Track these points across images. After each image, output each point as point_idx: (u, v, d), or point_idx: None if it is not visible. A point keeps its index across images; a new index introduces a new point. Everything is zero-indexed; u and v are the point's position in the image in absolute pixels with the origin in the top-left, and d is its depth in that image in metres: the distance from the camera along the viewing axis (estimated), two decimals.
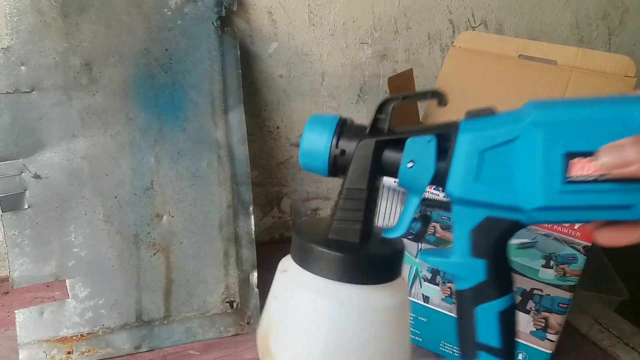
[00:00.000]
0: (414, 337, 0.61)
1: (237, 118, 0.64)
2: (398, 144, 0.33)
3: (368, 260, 0.33)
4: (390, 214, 0.58)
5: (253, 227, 0.64)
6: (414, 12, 0.81)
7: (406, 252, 0.49)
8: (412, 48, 0.83)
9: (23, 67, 0.54)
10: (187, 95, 0.61)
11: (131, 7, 0.59)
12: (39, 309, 0.55)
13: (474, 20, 0.85)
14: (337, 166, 0.34)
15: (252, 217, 0.64)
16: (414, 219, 0.34)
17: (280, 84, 0.77)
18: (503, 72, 0.67)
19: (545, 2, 0.88)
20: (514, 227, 0.32)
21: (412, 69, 0.70)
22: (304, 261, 0.33)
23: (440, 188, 0.33)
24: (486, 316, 0.33)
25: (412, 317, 0.60)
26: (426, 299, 0.59)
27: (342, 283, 0.32)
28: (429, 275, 0.58)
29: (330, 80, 0.80)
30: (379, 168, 0.33)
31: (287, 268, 0.35)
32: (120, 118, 0.58)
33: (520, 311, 0.55)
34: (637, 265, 0.79)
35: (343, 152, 0.33)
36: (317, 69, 0.79)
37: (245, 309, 0.63)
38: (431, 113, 0.71)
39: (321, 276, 0.32)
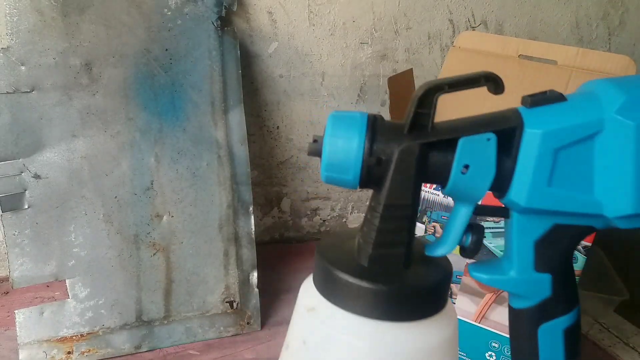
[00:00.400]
0: None
1: (237, 118, 0.64)
2: (447, 146, 0.26)
3: (418, 291, 0.27)
4: None
5: (253, 227, 0.64)
6: (414, 12, 0.81)
7: None
8: (412, 48, 0.83)
9: (23, 67, 0.54)
10: (187, 95, 0.61)
11: (131, 7, 0.59)
12: (39, 309, 0.55)
13: (474, 20, 0.85)
14: (370, 177, 0.27)
15: (252, 217, 0.64)
16: (464, 232, 0.29)
17: (280, 84, 0.77)
18: (503, 72, 0.66)
19: (545, 2, 0.88)
20: (585, 233, 0.28)
21: (412, 69, 0.70)
22: (338, 297, 0.27)
23: (489, 191, 0.27)
24: (551, 336, 0.29)
25: None
26: None
27: (389, 322, 0.26)
28: None
29: (330, 80, 0.80)
30: (424, 176, 0.27)
31: (316, 305, 0.28)
32: (120, 118, 0.58)
33: None
34: (637, 265, 0.79)
35: (379, 160, 0.27)
36: (317, 68, 0.79)
37: (245, 309, 0.63)
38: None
39: (363, 316, 0.27)
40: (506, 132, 0.26)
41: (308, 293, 0.29)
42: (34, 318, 0.55)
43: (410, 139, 0.26)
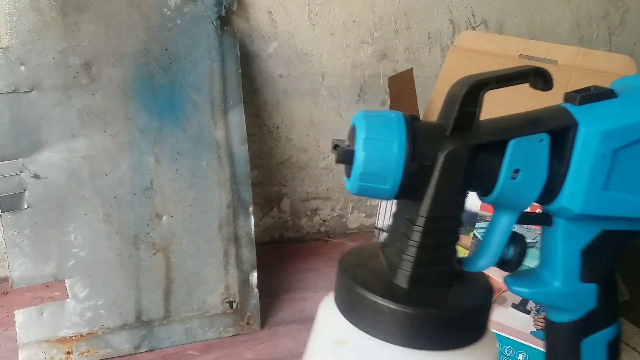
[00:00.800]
0: None
1: (237, 118, 0.64)
2: (495, 148, 0.24)
3: (467, 314, 0.24)
4: (391, 214, 0.58)
5: (253, 227, 0.64)
6: (415, 12, 0.81)
7: None
8: (412, 48, 0.83)
9: (22, 67, 0.54)
10: (187, 95, 0.61)
11: (131, 7, 0.59)
12: (39, 309, 0.55)
13: (475, 20, 0.85)
14: (410, 186, 0.24)
15: (252, 217, 0.64)
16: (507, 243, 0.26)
17: (280, 84, 0.77)
18: None
19: (546, 2, 0.88)
20: (633, 238, 0.27)
21: (412, 68, 0.69)
22: (375, 326, 0.23)
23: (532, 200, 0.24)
24: (595, 350, 0.27)
25: None
26: None
27: (437, 352, 0.23)
28: None
29: (330, 80, 0.80)
30: (469, 183, 0.24)
31: (346, 337, 0.24)
32: (120, 118, 0.58)
33: (520, 311, 0.54)
34: (638, 265, 0.79)
35: (421, 166, 0.23)
36: (317, 68, 0.78)
37: (245, 309, 0.63)
38: (431, 113, 0.71)
39: (409, 347, 0.23)
40: (558, 132, 0.24)
41: (333, 321, 0.25)
42: (34, 318, 0.55)
43: (455, 142, 0.23)
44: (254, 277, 0.63)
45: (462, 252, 0.55)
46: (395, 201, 0.26)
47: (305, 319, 0.65)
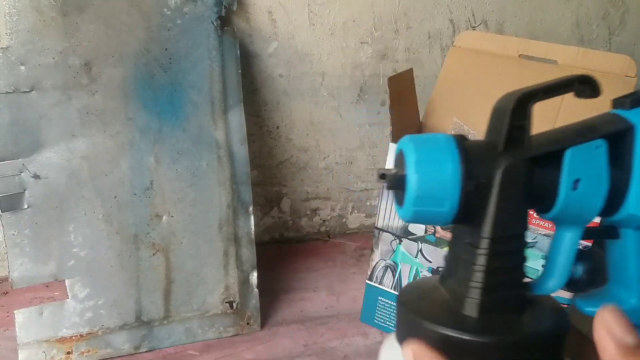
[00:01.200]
0: None
1: (237, 118, 0.64)
2: (551, 160, 0.23)
3: (545, 339, 0.23)
4: (391, 214, 0.58)
5: (253, 227, 0.64)
6: (414, 12, 0.81)
7: (404, 251, 0.47)
8: (412, 48, 0.83)
9: (22, 67, 0.54)
10: (187, 95, 0.61)
11: (131, 7, 0.59)
12: (39, 309, 0.55)
13: (475, 20, 0.85)
14: (468, 207, 0.23)
15: (252, 217, 0.64)
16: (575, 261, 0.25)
17: (280, 84, 0.77)
18: (503, 72, 0.66)
19: (546, 2, 0.88)
20: None
21: (412, 68, 0.69)
22: None
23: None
24: None
25: None
26: None
27: None
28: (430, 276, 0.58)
29: (330, 80, 0.80)
30: (528, 199, 0.24)
31: None
32: (120, 118, 0.58)
33: None
34: None
35: (478, 185, 0.23)
36: (317, 68, 0.78)
37: (245, 309, 0.63)
38: (431, 113, 0.71)
39: None
40: (614, 137, 0.23)
41: None
42: (34, 318, 0.55)
43: (510, 156, 0.22)
44: (254, 277, 0.63)
45: None
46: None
47: (305, 319, 0.65)
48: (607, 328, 0.22)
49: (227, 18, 0.65)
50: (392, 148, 0.57)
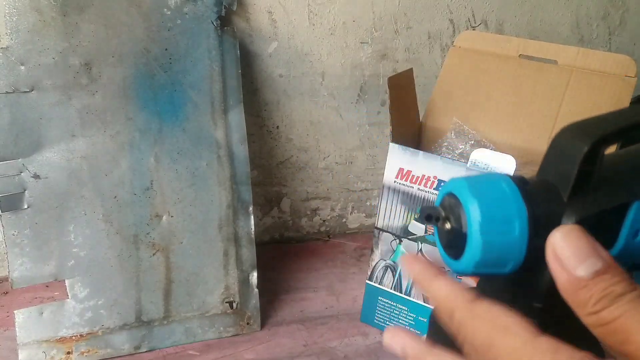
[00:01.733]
0: None
1: (237, 118, 0.64)
2: (614, 211, 0.22)
3: None
4: (391, 214, 0.58)
5: (253, 227, 0.64)
6: (414, 12, 0.81)
7: (404, 251, 0.47)
8: (412, 47, 0.83)
9: (22, 67, 0.54)
10: (187, 95, 0.61)
11: (131, 7, 0.59)
12: (39, 309, 0.55)
13: (474, 20, 0.85)
14: (529, 263, 0.22)
15: (252, 217, 0.64)
16: None
17: (280, 84, 0.77)
18: (503, 72, 0.67)
19: (546, 2, 0.88)
20: None
21: (412, 68, 0.69)
22: None
23: None
24: None
25: (412, 317, 0.60)
26: (427, 298, 0.59)
27: None
28: None
29: (330, 80, 0.80)
30: None
31: None
32: (120, 118, 0.58)
33: None
34: None
35: (543, 242, 0.21)
36: (317, 68, 0.78)
37: (245, 309, 0.63)
38: (431, 113, 0.71)
39: None
40: None
41: None
42: (34, 318, 0.55)
43: (578, 211, 0.21)
44: (254, 277, 0.64)
45: None
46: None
47: (305, 319, 0.65)
48: (554, 252, 0.19)
49: (227, 18, 0.65)
50: (392, 148, 0.57)
